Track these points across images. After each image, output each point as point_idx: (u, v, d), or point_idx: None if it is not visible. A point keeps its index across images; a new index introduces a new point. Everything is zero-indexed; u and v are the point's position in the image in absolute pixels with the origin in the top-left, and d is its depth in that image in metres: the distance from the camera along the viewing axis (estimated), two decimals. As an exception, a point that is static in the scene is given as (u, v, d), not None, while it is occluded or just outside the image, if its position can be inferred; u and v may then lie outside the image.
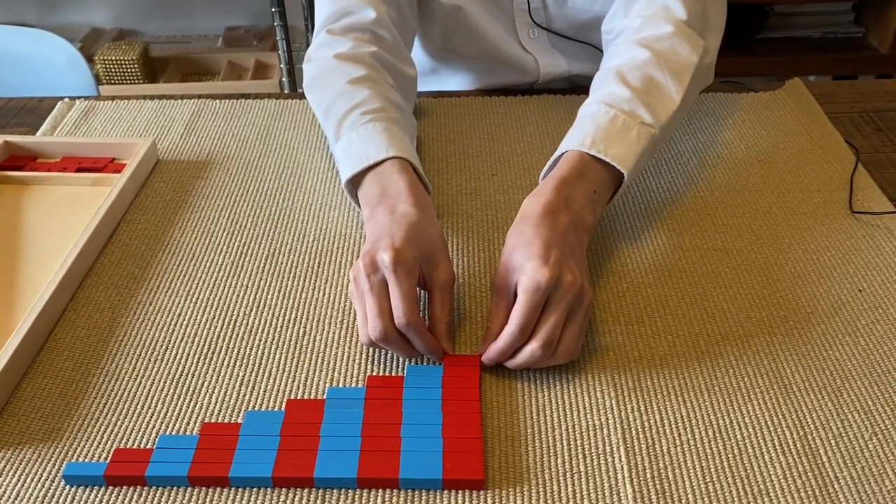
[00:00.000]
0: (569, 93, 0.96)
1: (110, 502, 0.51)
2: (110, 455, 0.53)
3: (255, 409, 0.57)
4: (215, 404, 0.57)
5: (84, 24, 2.35)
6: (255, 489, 0.51)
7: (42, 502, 0.51)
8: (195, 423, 0.56)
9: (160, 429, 0.56)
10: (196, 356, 0.61)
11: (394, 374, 0.59)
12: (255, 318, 0.65)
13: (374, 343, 0.58)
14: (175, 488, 0.52)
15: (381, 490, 0.51)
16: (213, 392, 0.58)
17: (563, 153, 0.68)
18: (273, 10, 1.92)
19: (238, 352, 0.62)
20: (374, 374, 0.60)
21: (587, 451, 0.53)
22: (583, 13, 0.91)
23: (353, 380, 0.59)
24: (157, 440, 0.54)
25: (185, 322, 0.64)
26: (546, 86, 0.99)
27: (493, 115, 0.93)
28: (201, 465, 0.52)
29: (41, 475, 0.52)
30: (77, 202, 0.77)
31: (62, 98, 0.96)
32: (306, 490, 0.51)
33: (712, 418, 0.56)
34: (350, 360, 0.61)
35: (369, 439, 0.53)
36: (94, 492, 0.51)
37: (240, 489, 0.51)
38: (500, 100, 0.96)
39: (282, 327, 0.64)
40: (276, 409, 0.57)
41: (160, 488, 0.52)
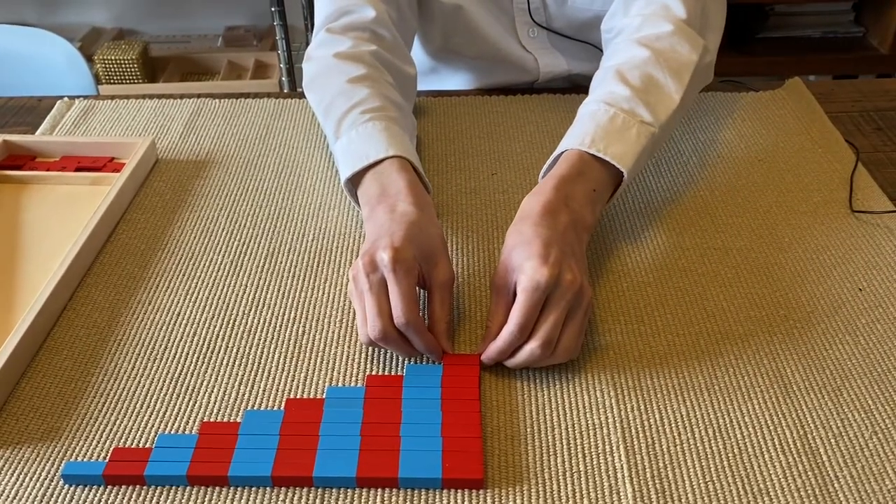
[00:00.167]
0: (568, 92, 0.96)
1: (109, 502, 0.51)
2: (109, 454, 0.53)
3: (255, 408, 0.57)
4: (214, 403, 0.57)
5: (84, 24, 2.35)
6: (254, 488, 0.51)
7: (41, 501, 0.51)
8: (194, 422, 0.56)
9: (159, 428, 0.55)
10: (195, 355, 0.61)
11: (393, 374, 0.59)
12: (254, 318, 0.65)
13: (373, 342, 0.58)
14: (174, 487, 0.51)
15: (380, 489, 0.51)
16: (213, 391, 0.58)
17: (562, 152, 0.68)
18: (273, 9, 1.92)
19: (237, 351, 0.61)
20: (373, 373, 0.60)
21: (587, 451, 0.53)
22: (582, 12, 0.91)
23: (353, 379, 0.59)
24: (156, 439, 0.54)
25: (184, 321, 0.64)
26: (546, 85, 0.99)
27: (493, 114, 0.93)
28: (200, 465, 0.52)
29: (40, 474, 0.52)
30: (76, 201, 0.77)
31: (61, 97, 0.96)
32: (305, 489, 0.51)
33: (712, 417, 0.56)
34: (349, 360, 0.61)
35: (368, 438, 0.53)
36: (93, 491, 0.51)
37: (239, 488, 0.51)
38: (500, 99, 0.95)
39: (281, 326, 0.64)
40: (276, 408, 0.57)
41: (159, 487, 0.51)
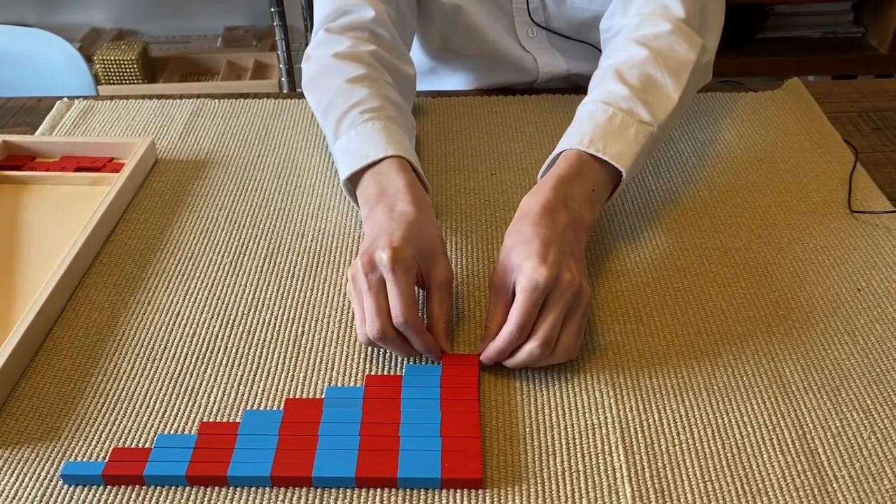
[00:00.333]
0: (568, 92, 0.96)
1: (109, 502, 0.51)
2: (108, 454, 0.53)
3: (254, 408, 0.57)
4: (214, 403, 0.57)
5: (83, 24, 2.35)
6: (253, 488, 0.51)
7: (40, 502, 0.51)
8: (194, 422, 0.56)
9: (158, 428, 0.55)
10: (194, 356, 0.61)
11: (392, 374, 0.59)
12: (253, 318, 0.65)
13: (372, 342, 0.58)
14: (173, 487, 0.51)
15: (379, 489, 0.51)
16: (212, 391, 0.58)
17: (561, 152, 0.68)
18: (272, 10, 1.92)
19: (236, 351, 0.62)
20: (372, 373, 0.60)
21: (586, 451, 0.53)
22: (581, 12, 0.91)
23: (352, 379, 0.59)
24: (155, 439, 0.54)
25: (183, 321, 0.64)
26: (545, 85, 0.99)
27: (492, 114, 0.93)
28: (200, 465, 0.52)
29: (39, 475, 0.52)
30: (76, 202, 0.77)
31: (61, 98, 0.96)
32: (305, 489, 0.51)
33: (711, 417, 0.56)
34: (348, 360, 0.61)
35: (368, 439, 0.53)
36: (93, 491, 0.51)
37: (238, 488, 0.51)
38: (499, 99, 0.96)
39: (280, 327, 0.64)
40: (275, 408, 0.57)
41: (159, 488, 0.51)
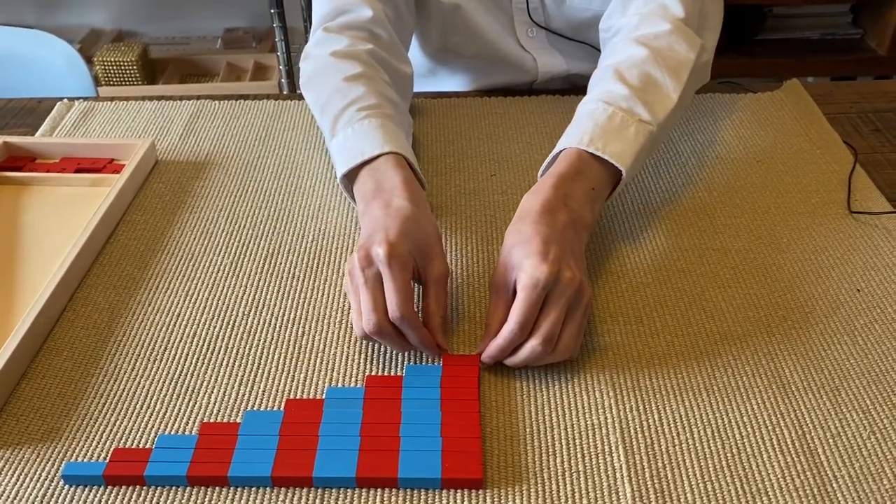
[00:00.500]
0: (567, 93, 0.97)
1: (109, 502, 0.51)
2: (109, 455, 0.53)
3: (254, 408, 0.57)
4: (214, 404, 0.57)
5: (83, 26, 2.35)
6: (254, 489, 0.51)
7: (41, 502, 0.51)
8: (194, 422, 0.56)
9: (159, 428, 0.56)
10: (195, 356, 0.61)
11: (393, 374, 0.60)
12: (253, 318, 0.65)
13: (368, 336, 0.58)
14: (174, 488, 0.52)
15: (379, 489, 0.51)
16: (212, 392, 0.58)
17: (560, 150, 0.68)
18: (272, 11, 1.93)
19: (237, 352, 0.62)
20: (372, 373, 0.60)
21: (586, 451, 0.53)
22: (581, 12, 0.91)
23: (352, 379, 0.59)
24: (156, 440, 0.54)
25: (184, 322, 0.64)
26: (544, 85, 0.99)
27: (492, 115, 0.93)
28: (200, 465, 0.52)
29: (40, 475, 0.52)
30: (76, 203, 0.77)
31: (61, 99, 0.96)
32: (305, 489, 0.51)
33: (711, 418, 0.56)
34: (349, 360, 0.61)
35: (368, 439, 0.53)
36: (93, 492, 0.51)
37: (239, 489, 0.52)
38: (499, 100, 0.96)
39: (281, 327, 0.64)
40: (275, 408, 0.57)
41: (159, 488, 0.52)
